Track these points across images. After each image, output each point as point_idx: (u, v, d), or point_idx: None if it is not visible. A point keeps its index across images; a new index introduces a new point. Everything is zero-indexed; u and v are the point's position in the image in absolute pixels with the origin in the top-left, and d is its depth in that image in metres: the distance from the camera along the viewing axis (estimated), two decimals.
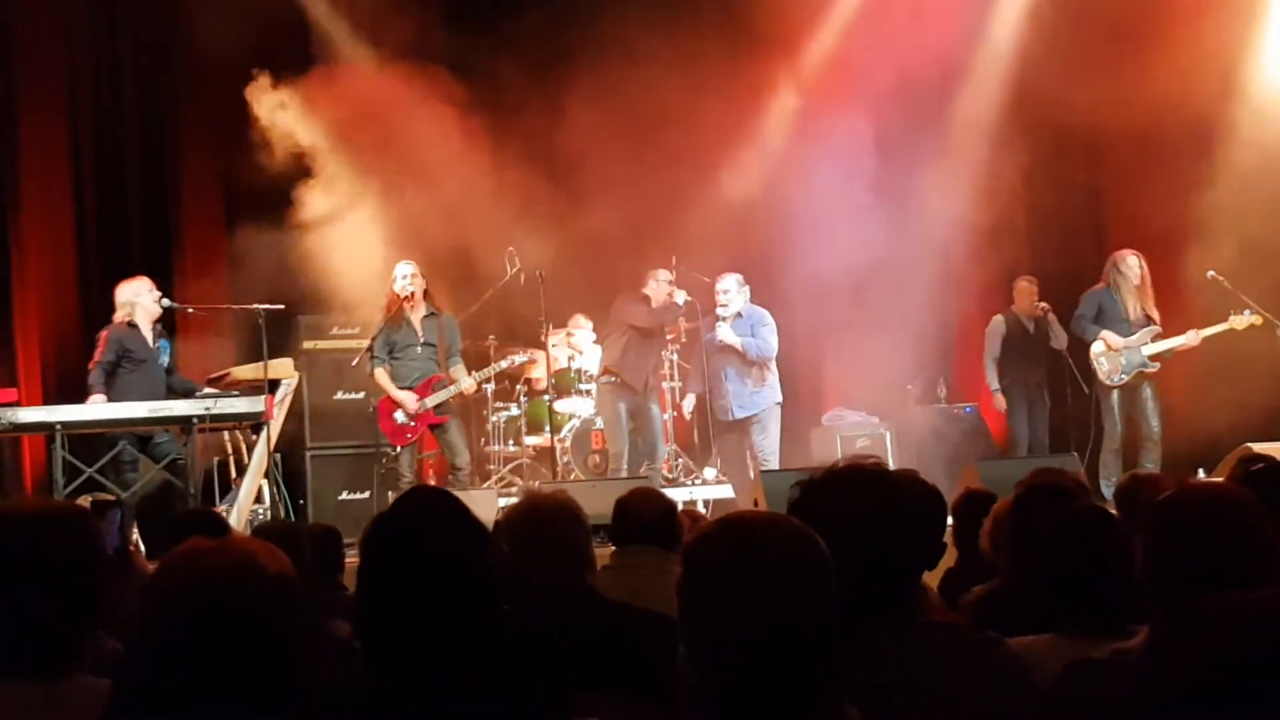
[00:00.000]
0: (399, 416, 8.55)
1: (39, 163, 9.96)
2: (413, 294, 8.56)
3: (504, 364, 9.10)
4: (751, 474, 9.15)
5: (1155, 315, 8.93)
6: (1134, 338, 8.86)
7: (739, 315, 8.86)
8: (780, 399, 9.01)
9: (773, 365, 8.97)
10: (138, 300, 8.10)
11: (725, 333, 8.74)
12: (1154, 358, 8.88)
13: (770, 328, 8.90)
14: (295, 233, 9.44)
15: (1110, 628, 2.53)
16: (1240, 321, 8.79)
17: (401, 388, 8.56)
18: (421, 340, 8.61)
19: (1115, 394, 8.93)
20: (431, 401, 8.54)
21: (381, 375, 8.57)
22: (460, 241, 9.64)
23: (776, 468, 8.80)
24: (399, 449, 8.60)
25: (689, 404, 9.33)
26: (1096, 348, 8.93)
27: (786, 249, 10.75)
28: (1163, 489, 3.42)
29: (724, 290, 8.80)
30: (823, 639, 1.77)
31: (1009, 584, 3.36)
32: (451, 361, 8.70)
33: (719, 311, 8.80)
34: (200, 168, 10.38)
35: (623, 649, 2.98)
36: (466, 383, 8.65)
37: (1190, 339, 8.87)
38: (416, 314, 8.62)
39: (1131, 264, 8.88)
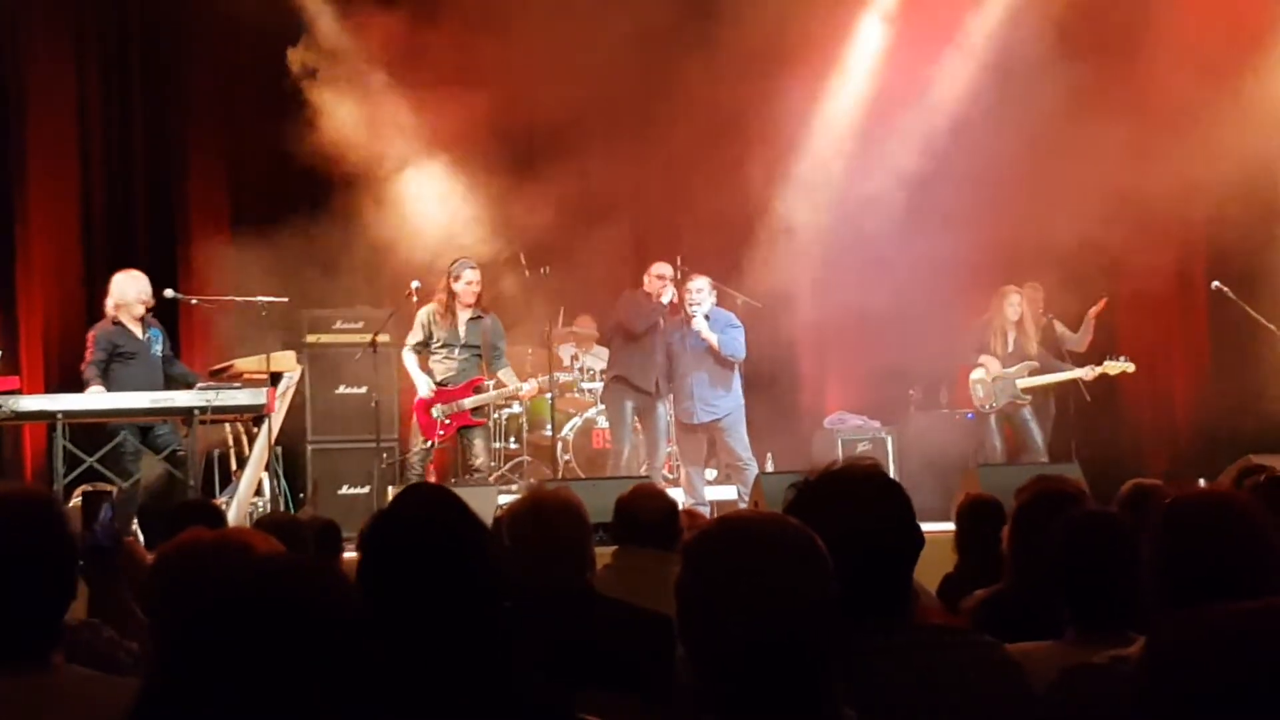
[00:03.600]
0: (436, 412, 8.51)
1: (45, 151, 9.97)
2: (474, 299, 8.54)
3: (555, 377, 9.01)
4: (710, 476, 9.15)
5: (1038, 351, 9.33)
6: (1011, 370, 9.30)
7: (707, 317, 8.82)
8: (742, 402, 8.92)
9: (738, 369, 8.92)
10: (120, 300, 8.07)
11: (701, 325, 8.72)
12: (1027, 390, 9.33)
13: (738, 329, 8.86)
14: (301, 225, 9.45)
15: (1112, 634, 2.53)
16: (1113, 367, 9.20)
17: (439, 384, 8.52)
18: (463, 342, 8.59)
19: (992, 419, 9.38)
20: (470, 403, 8.53)
21: (410, 360, 8.54)
22: (467, 236, 9.65)
23: (755, 469, 8.76)
24: (428, 442, 8.56)
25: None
26: (975, 374, 9.43)
27: (792, 253, 10.76)
28: (1166, 497, 3.41)
29: (696, 289, 8.78)
30: (820, 640, 1.77)
31: (1012, 588, 3.36)
32: (498, 364, 8.68)
33: (691, 310, 8.76)
34: (207, 158, 10.38)
35: (622, 648, 2.97)
36: (528, 387, 8.66)
37: (1085, 373, 9.25)
38: (464, 315, 8.59)
39: (1013, 301, 9.36)
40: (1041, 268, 10.01)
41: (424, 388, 8.49)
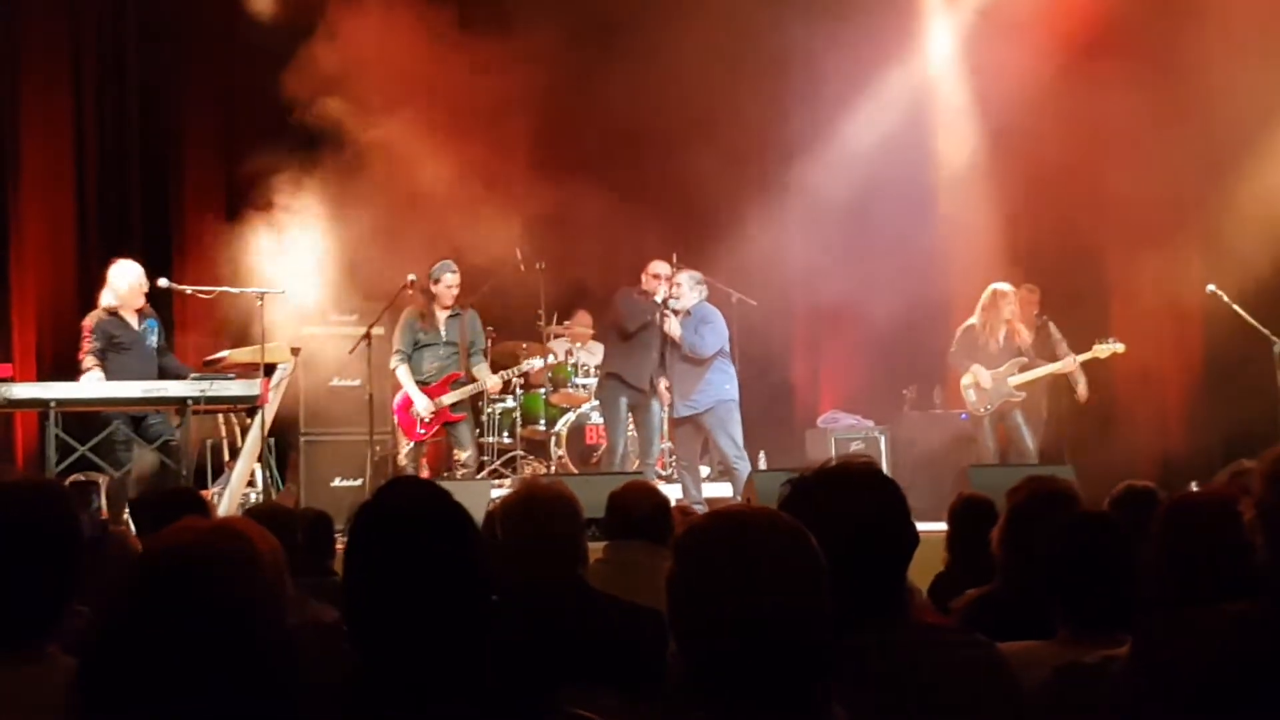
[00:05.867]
0: (415, 412, 8.56)
1: (40, 137, 9.95)
2: (454, 300, 8.64)
3: (524, 367, 9.08)
4: (705, 473, 9.15)
5: (1026, 347, 9.26)
6: (1000, 370, 9.22)
7: (688, 314, 8.81)
8: (732, 396, 8.85)
9: (724, 364, 8.84)
10: (122, 292, 8.02)
11: (671, 324, 8.73)
12: (1020, 387, 9.25)
13: (711, 326, 8.80)
14: (297, 216, 9.43)
15: (1103, 634, 2.54)
16: (1104, 350, 9.14)
17: (419, 382, 8.59)
18: (444, 339, 8.68)
19: (986, 421, 9.30)
20: (449, 399, 8.56)
21: (404, 373, 8.62)
22: (461, 231, 9.64)
23: (745, 466, 8.75)
24: (410, 444, 8.61)
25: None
26: (965, 380, 9.32)
27: (789, 253, 10.76)
28: (1158, 499, 3.42)
29: (676, 284, 8.79)
30: (812, 635, 1.77)
31: (1004, 588, 3.36)
32: (475, 360, 8.75)
33: (670, 304, 8.77)
34: (203, 147, 10.36)
35: (613, 642, 2.97)
36: (492, 381, 8.72)
37: (1066, 365, 9.20)
38: (443, 314, 8.68)
39: (1007, 298, 9.24)
40: (1037, 269, 10.03)
41: (421, 404, 8.52)
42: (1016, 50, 9.85)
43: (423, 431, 8.63)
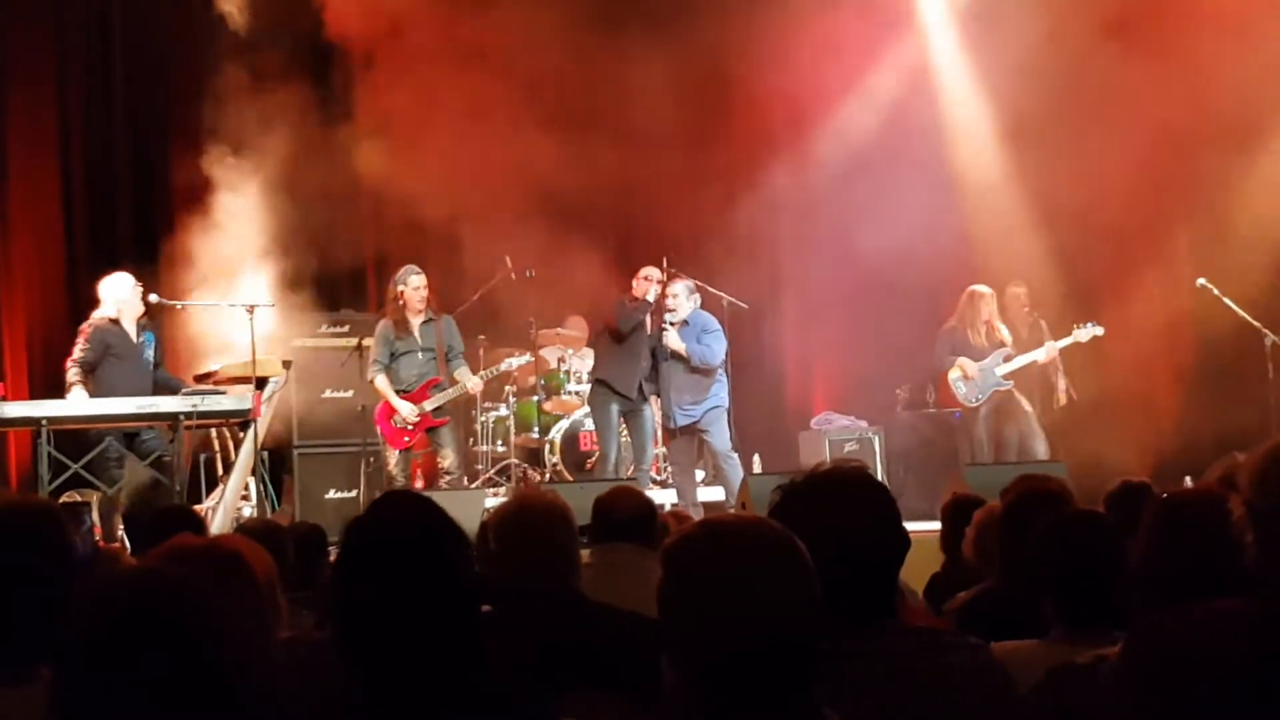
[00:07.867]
0: (398, 420, 8.55)
1: (26, 153, 9.92)
2: (424, 303, 8.61)
3: (503, 366, 9.09)
4: (700, 477, 9.15)
5: (1006, 340, 9.34)
6: (986, 361, 9.32)
7: (685, 323, 8.78)
8: (724, 403, 8.84)
9: (719, 373, 8.86)
10: (124, 300, 8.02)
11: (671, 337, 8.70)
12: (1008, 376, 9.32)
13: (715, 334, 8.78)
14: (291, 230, 9.43)
15: (1097, 633, 2.54)
16: (1084, 334, 9.21)
17: (399, 390, 8.57)
18: (421, 345, 8.64)
19: (980, 413, 9.33)
20: (430, 405, 8.55)
21: (383, 383, 8.58)
22: (454, 238, 9.64)
23: (737, 465, 8.72)
24: (396, 452, 8.60)
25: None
26: (953, 374, 9.38)
27: (782, 253, 10.76)
28: (1154, 495, 3.42)
29: (673, 295, 8.76)
30: (802, 642, 1.77)
31: (997, 589, 3.36)
32: (455, 364, 8.73)
33: (666, 316, 8.74)
34: (191, 160, 10.33)
35: (608, 650, 2.96)
36: (473, 382, 8.68)
37: (1048, 351, 9.25)
38: (417, 320, 8.64)
39: (986, 299, 9.34)
40: (1027, 265, 10.04)
41: (407, 411, 8.51)
42: (1010, 40, 9.86)
43: (408, 439, 8.61)
